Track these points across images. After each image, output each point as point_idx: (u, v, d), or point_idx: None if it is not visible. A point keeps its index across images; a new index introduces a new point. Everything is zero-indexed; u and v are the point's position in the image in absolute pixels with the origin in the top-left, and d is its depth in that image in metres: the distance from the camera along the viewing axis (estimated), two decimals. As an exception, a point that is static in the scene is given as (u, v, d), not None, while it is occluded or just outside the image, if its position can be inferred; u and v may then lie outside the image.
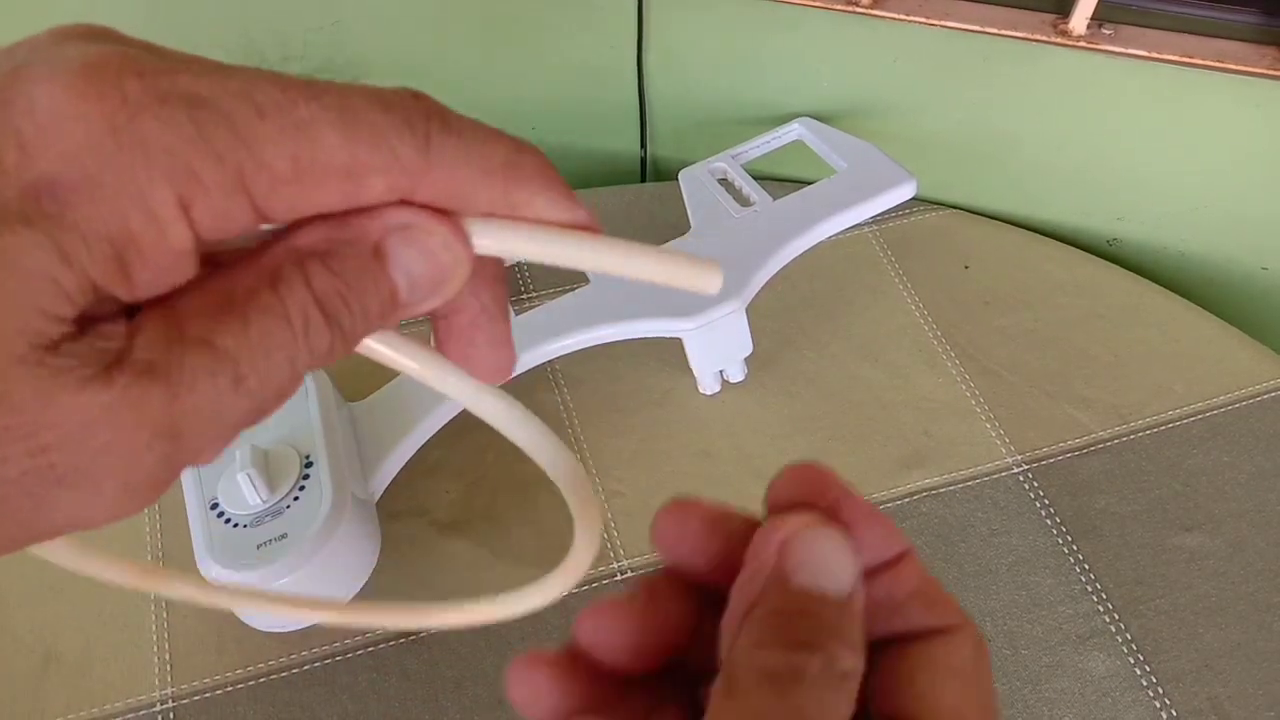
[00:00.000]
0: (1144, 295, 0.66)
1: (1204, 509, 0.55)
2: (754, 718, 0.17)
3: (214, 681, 0.49)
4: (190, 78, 0.16)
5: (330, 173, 0.16)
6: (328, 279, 0.17)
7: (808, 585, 0.19)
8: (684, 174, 0.62)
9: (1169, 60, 0.58)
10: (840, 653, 0.18)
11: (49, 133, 0.15)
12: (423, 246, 0.18)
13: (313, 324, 0.17)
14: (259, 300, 0.17)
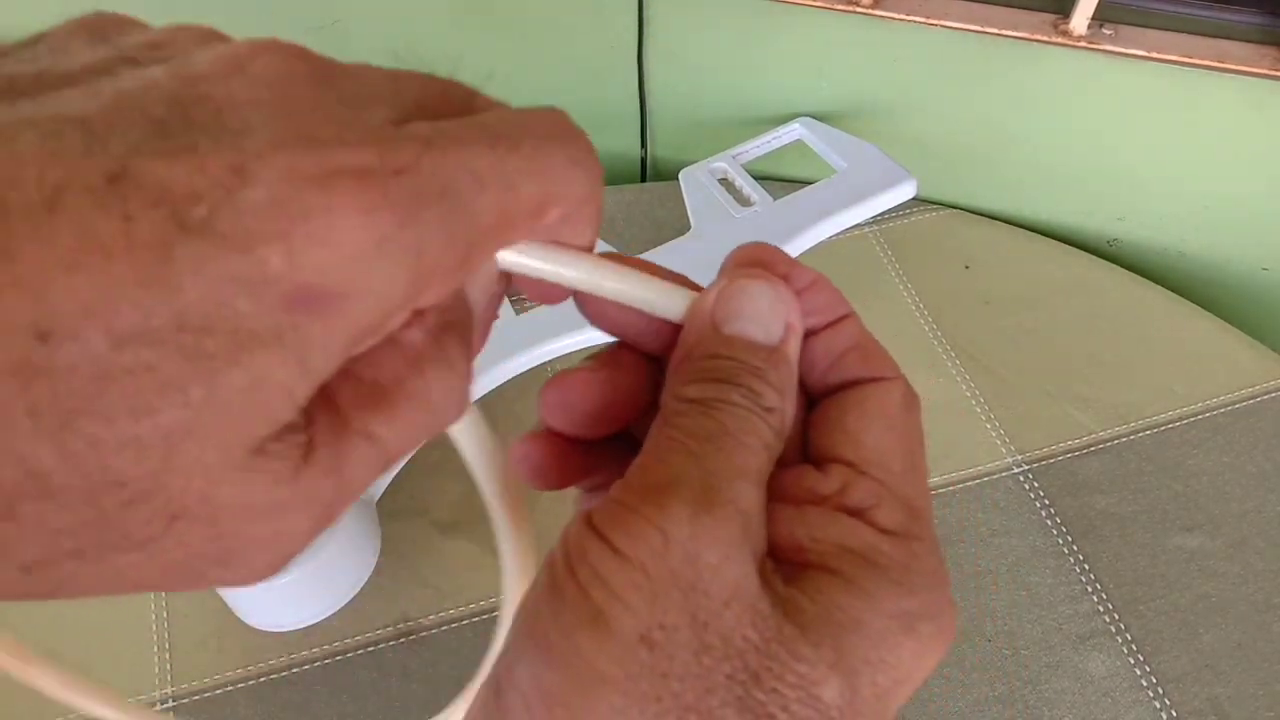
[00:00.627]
0: (1144, 295, 0.66)
1: (1204, 509, 0.55)
2: (682, 432, 0.19)
3: (214, 681, 0.49)
4: (431, 164, 0.16)
5: (525, 214, 0.17)
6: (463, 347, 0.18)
7: (737, 332, 0.20)
8: (684, 174, 0.62)
9: (1169, 60, 0.58)
10: (763, 390, 0.19)
11: (321, 244, 0.14)
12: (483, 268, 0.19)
13: (451, 399, 0.18)
14: (406, 388, 0.17)
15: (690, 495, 0.18)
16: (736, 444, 0.19)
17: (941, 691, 0.49)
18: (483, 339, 0.20)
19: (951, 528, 0.54)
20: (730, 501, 0.18)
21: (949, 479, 0.56)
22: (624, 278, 0.21)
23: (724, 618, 0.17)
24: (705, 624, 0.17)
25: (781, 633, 0.17)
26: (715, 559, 0.17)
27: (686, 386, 0.19)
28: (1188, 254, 0.70)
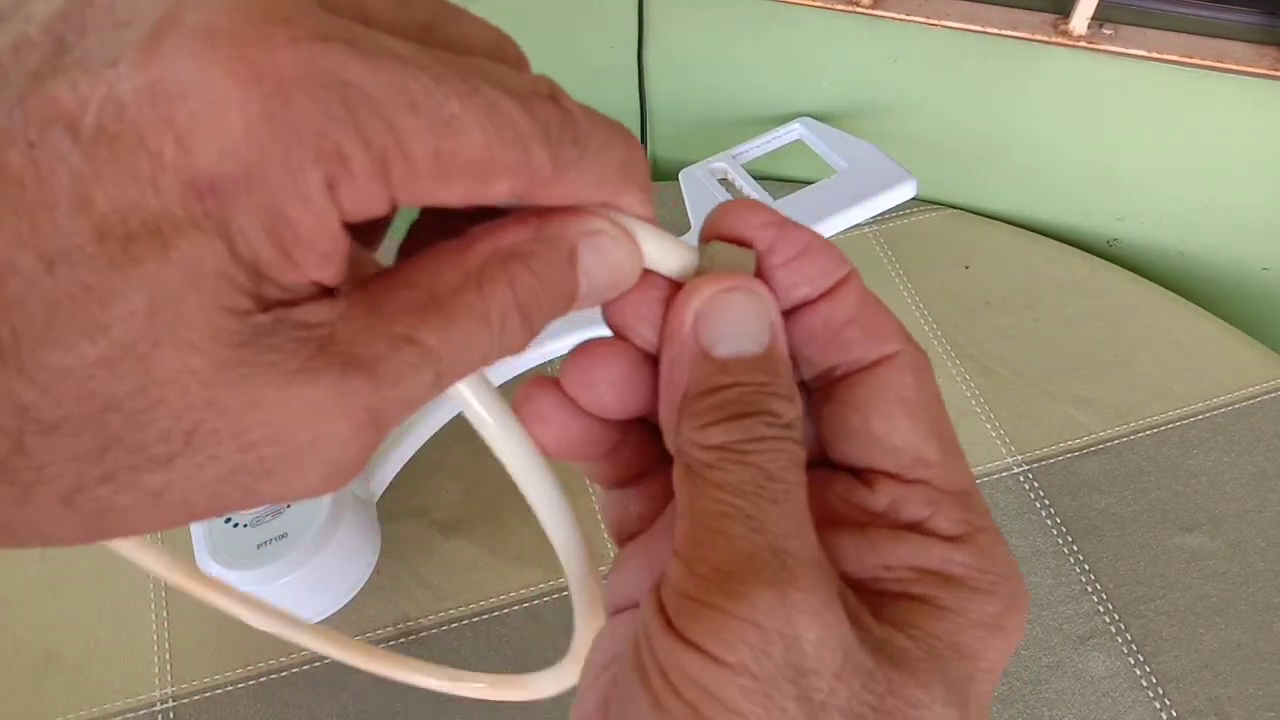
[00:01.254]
0: (1144, 295, 0.66)
1: (1204, 509, 0.55)
2: (726, 491, 0.18)
3: (214, 681, 0.49)
4: (344, 56, 0.15)
5: (465, 170, 0.16)
6: (530, 281, 0.18)
7: (729, 355, 0.19)
8: (684, 174, 0.62)
9: (1169, 60, 0.58)
10: (779, 407, 0.19)
11: (205, 124, 0.14)
12: (608, 254, 0.19)
13: (509, 323, 0.17)
14: (464, 299, 0.17)
15: (769, 574, 0.17)
16: (785, 488, 0.18)
17: (941, 691, 0.49)
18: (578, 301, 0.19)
19: (951, 528, 0.54)
20: (808, 562, 0.17)
21: (949, 479, 0.56)
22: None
23: (839, 692, 0.17)
24: (822, 704, 0.17)
25: (892, 684, 0.17)
26: (816, 635, 0.17)
27: (707, 431, 0.18)
28: (1188, 254, 0.70)
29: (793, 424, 0.19)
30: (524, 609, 0.52)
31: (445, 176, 0.16)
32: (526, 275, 0.18)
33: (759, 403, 0.19)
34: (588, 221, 0.19)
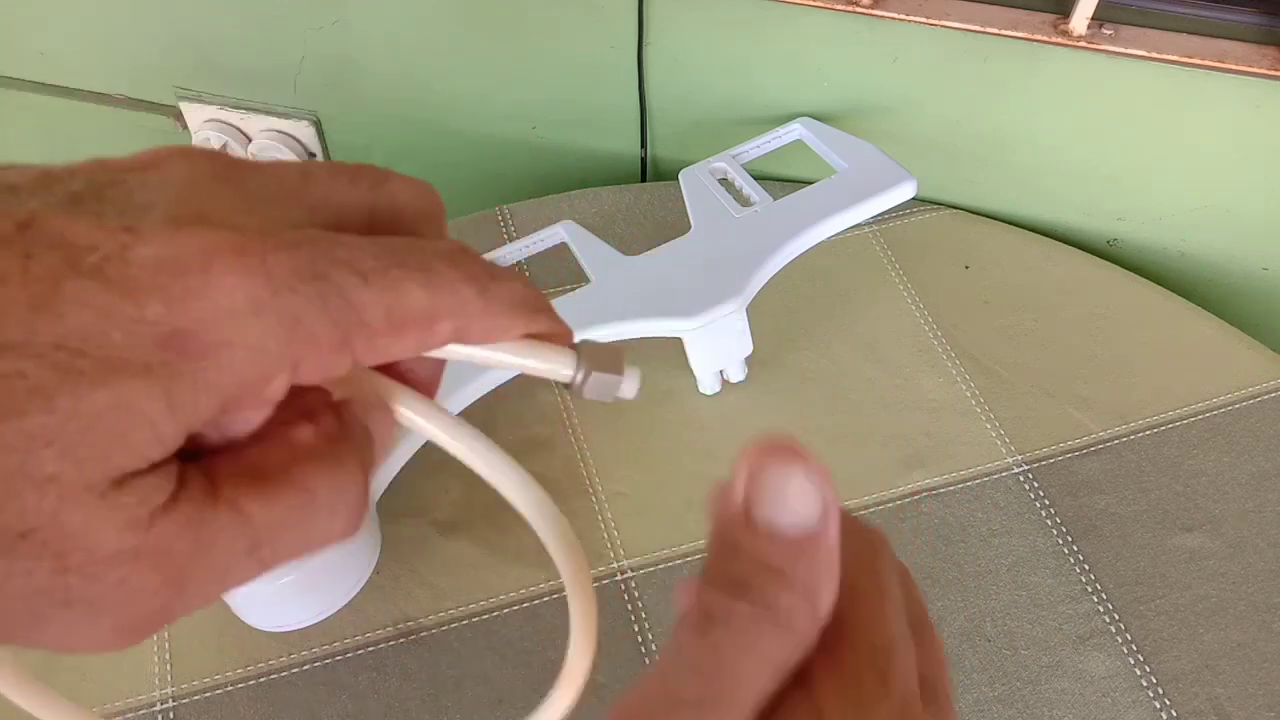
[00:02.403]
0: (1144, 295, 0.66)
1: (1204, 509, 0.55)
2: (676, 652, 0.18)
3: (214, 681, 0.49)
4: (311, 253, 0.18)
5: (413, 321, 0.19)
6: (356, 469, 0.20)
7: (762, 519, 0.19)
8: (684, 174, 0.62)
9: (1169, 60, 0.58)
10: (778, 593, 0.18)
11: (198, 298, 0.17)
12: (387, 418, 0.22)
13: (339, 501, 0.19)
14: (288, 475, 0.18)
15: None
16: (730, 673, 0.18)
17: (941, 691, 0.49)
18: (380, 458, 0.21)
19: (951, 528, 0.54)
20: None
21: (949, 479, 0.56)
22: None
23: None
24: None
25: None
26: None
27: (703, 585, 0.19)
28: (1188, 254, 0.70)
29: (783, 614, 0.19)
30: (524, 609, 0.52)
31: (397, 331, 0.19)
32: (353, 455, 0.20)
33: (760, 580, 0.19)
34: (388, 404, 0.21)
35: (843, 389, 0.61)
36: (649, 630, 0.51)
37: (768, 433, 0.21)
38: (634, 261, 0.57)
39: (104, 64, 0.82)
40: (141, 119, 0.85)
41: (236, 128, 0.83)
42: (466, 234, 0.69)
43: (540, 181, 0.81)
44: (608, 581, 0.53)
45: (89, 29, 0.79)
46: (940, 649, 0.21)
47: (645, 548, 0.54)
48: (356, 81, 0.78)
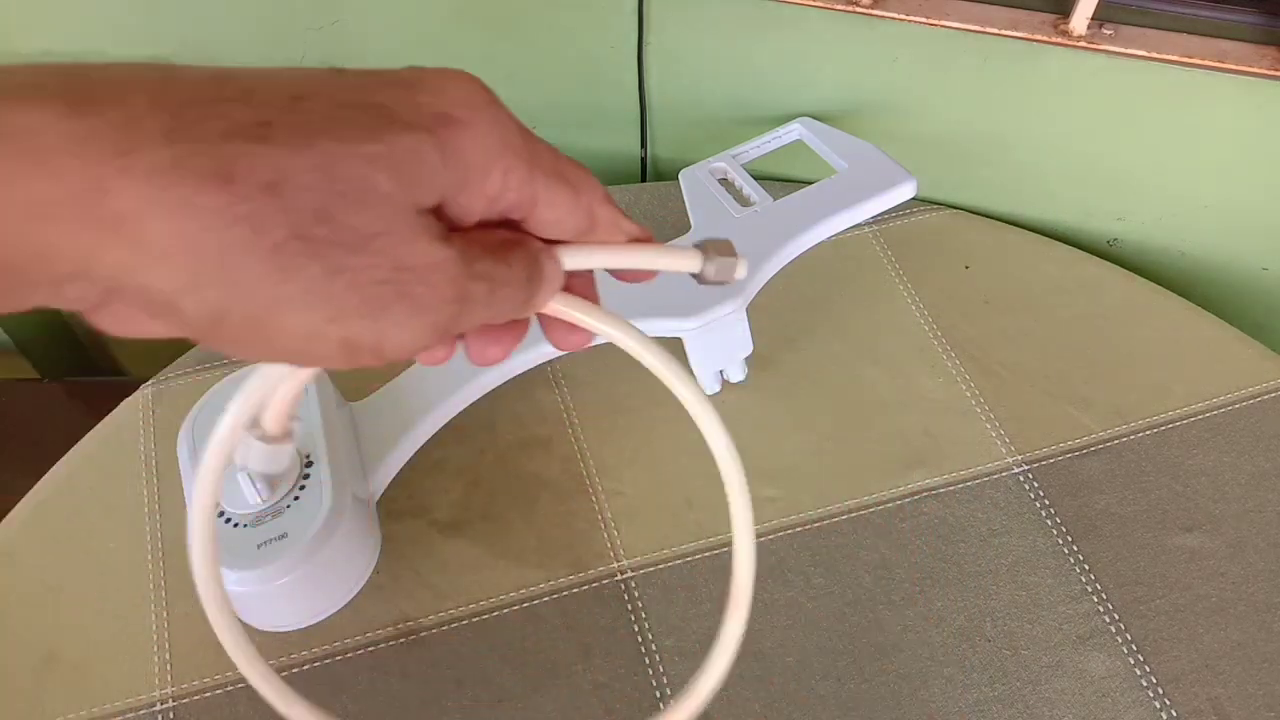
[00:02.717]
0: (1144, 295, 0.66)
1: (1204, 509, 0.55)
2: None
3: (214, 681, 0.49)
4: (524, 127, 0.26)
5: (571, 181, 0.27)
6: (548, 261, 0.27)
7: None
8: (684, 174, 0.62)
9: (1169, 60, 0.58)
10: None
11: (455, 95, 0.24)
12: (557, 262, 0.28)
13: (531, 279, 0.27)
14: (516, 252, 0.26)
15: None
16: None
17: (941, 691, 0.49)
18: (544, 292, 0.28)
19: (951, 528, 0.54)
20: None
21: (949, 479, 0.56)
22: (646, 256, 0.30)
23: None
24: None
25: None
26: None
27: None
28: (1188, 254, 0.70)
29: None
30: (524, 609, 0.52)
31: (561, 178, 0.27)
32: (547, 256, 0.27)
33: None
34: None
35: (843, 389, 0.61)
36: (649, 630, 0.51)
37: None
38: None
39: (104, 64, 0.82)
40: (141, 119, 0.85)
41: (236, 128, 0.83)
42: (466, 234, 0.69)
43: (540, 181, 0.81)
44: (607, 581, 0.53)
45: (89, 29, 0.79)
46: None
47: (645, 548, 0.54)
48: (356, 81, 0.78)
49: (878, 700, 0.49)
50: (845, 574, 0.53)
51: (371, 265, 0.22)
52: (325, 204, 0.21)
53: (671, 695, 0.49)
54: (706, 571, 0.53)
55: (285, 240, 0.21)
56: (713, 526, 0.54)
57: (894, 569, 0.53)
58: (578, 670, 0.50)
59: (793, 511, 0.55)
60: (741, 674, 0.49)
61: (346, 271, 0.22)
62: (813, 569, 0.53)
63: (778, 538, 0.54)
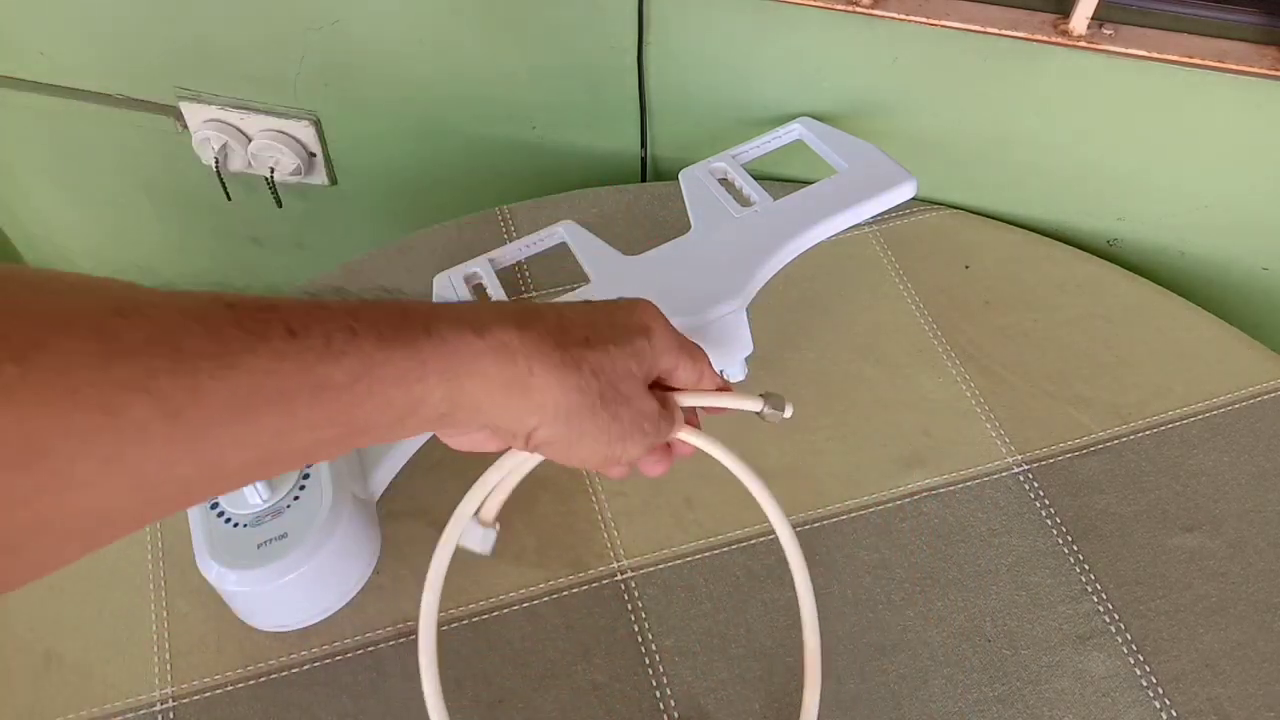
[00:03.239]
0: (1144, 295, 0.66)
1: (1204, 509, 0.55)
2: None
3: (214, 681, 0.49)
4: (679, 333, 0.42)
5: (699, 373, 0.42)
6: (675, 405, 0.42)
7: None
8: (684, 174, 0.62)
9: (1170, 60, 0.58)
10: None
11: (646, 313, 0.40)
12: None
13: (675, 417, 0.42)
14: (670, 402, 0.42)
15: None
16: None
17: (941, 691, 0.49)
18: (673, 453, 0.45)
19: (951, 528, 0.54)
20: None
21: (949, 479, 0.56)
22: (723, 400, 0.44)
23: None
24: None
25: None
26: None
27: None
28: (1188, 254, 0.70)
29: None
30: (524, 609, 0.52)
31: (699, 371, 0.42)
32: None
33: None
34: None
35: (843, 389, 0.61)
36: (649, 630, 0.51)
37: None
38: (634, 261, 0.57)
39: (104, 64, 0.82)
40: (141, 119, 0.85)
41: (236, 128, 0.83)
42: (466, 234, 0.69)
43: (540, 181, 0.81)
44: (607, 581, 0.53)
45: (89, 29, 0.79)
46: None
47: (645, 548, 0.54)
48: (356, 81, 0.78)
49: (878, 700, 0.49)
50: (845, 574, 0.53)
51: (629, 414, 0.37)
52: (613, 381, 0.37)
53: (671, 695, 0.49)
54: (706, 571, 0.53)
55: (597, 401, 0.36)
56: (712, 526, 0.54)
57: (894, 569, 0.53)
58: (578, 670, 0.50)
59: (792, 511, 0.55)
60: (741, 674, 0.49)
61: (620, 419, 0.37)
62: (813, 569, 0.53)
63: (778, 538, 0.54)
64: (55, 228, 1.01)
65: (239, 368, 0.25)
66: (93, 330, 0.23)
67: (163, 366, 0.24)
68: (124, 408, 0.23)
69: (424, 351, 0.30)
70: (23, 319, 0.22)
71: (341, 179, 0.88)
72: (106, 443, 0.23)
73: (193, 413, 0.24)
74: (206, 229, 0.97)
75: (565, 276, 0.65)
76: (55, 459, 0.22)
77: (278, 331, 0.26)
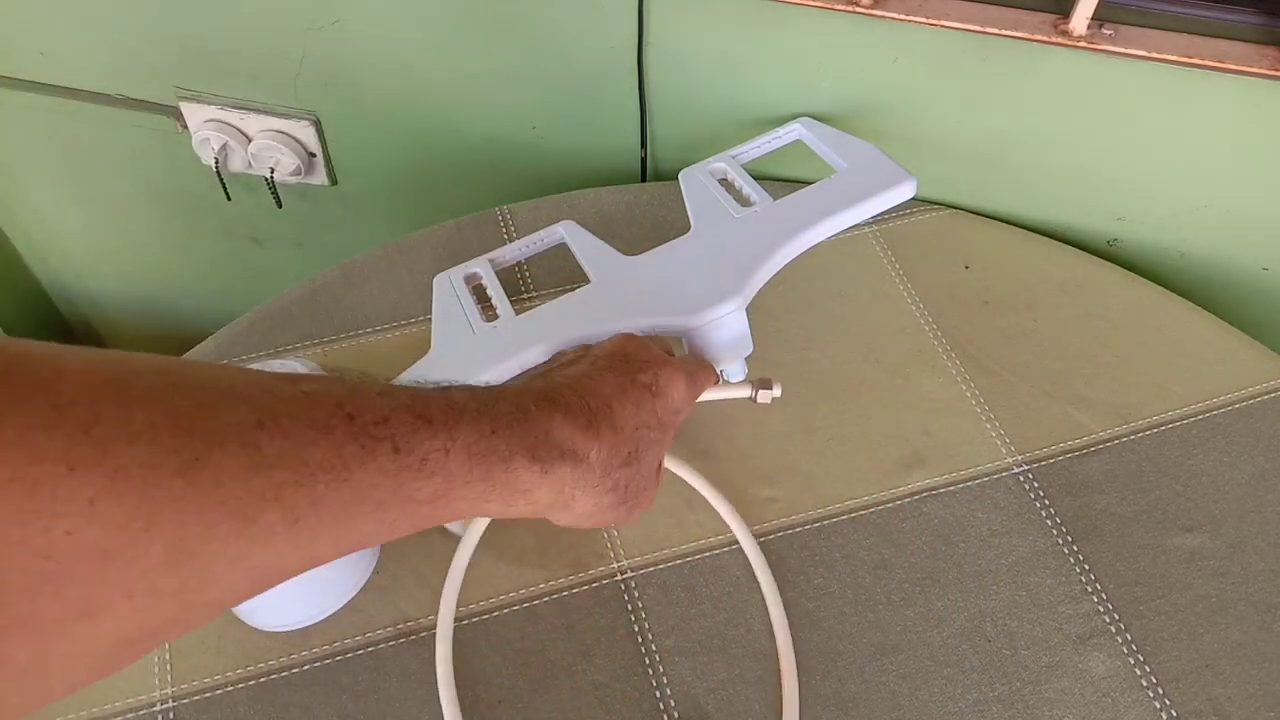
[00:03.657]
0: (1144, 295, 0.66)
1: (1204, 509, 0.55)
2: None
3: (214, 681, 0.49)
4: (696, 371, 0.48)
5: (705, 381, 0.49)
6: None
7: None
8: (684, 174, 0.62)
9: (1169, 60, 0.58)
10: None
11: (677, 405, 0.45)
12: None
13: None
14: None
15: None
16: None
17: (941, 691, 0.49)
18: None
19: (951, 528, 0.54)
20: None
21: (949, 479, 0.56)
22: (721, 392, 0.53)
23: None
24: None
25: None
26: None
27: None
28: (1188, 254, 0.70)
29: None
30: (524, 609, 0.52)
31: (707, 381, 0.49)
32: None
33: None
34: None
35: (843, 389, 0.61)
36: (649, 630, 0.51)
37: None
38: (634, 261, 0.57)
39: (104, 64, 0.82)
40: (141, 119, 0.85)
41: (236, 128, 0.83)
42: (466, 234, 0.69)
43: (540, 181, 0.81)
44: (607, 581, 0.53)
45: (89, 29, 0.79)
46: None
47: (645, 548, 0.54)
48: (356, 81, 0.78)
49: (878, 700, 0.49)
50: (845, 574, 0.53)
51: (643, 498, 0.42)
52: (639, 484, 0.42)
53: (671, 695, 0.49)
54: (706, 571, 0.53)
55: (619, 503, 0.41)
56: (712, 527, 0.54)
57: (894, 569, 0.53)
58: (578, 670, 0.50)
59: (793, 511, 0.55)
60: (741, 674, 0.49)
61: (630, 502, 0.41)
62: (813, 569, 0.53)
63: (778, 538, 0.54)
64: (55, 228, 1.01)
65: (350, 481, 0.29)
66: (240, 445, 0.26)
67: (290, 479, 0.27)
68: (257, 515, 0.26)
69: (496, 480, 0.35)
70: (189, 435, 0.25)
71: (341, 179, 0.88)
72: (239, 545, 0.26)
73: (310, 519, 0.28)
74: (206, 229, 0.97)
75: (565, 276, 0.65)
76: (199, 560, 0.25)
77: (385, 449, 0.30)
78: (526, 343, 0.52)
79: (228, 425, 0.26)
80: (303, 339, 0.63)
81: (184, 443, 0.24)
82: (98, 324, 1.14)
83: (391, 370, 0.55)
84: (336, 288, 0.66)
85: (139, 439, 0.24)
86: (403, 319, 0.65)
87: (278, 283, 1.01)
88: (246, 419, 0.27)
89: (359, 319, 0.65)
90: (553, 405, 0.38)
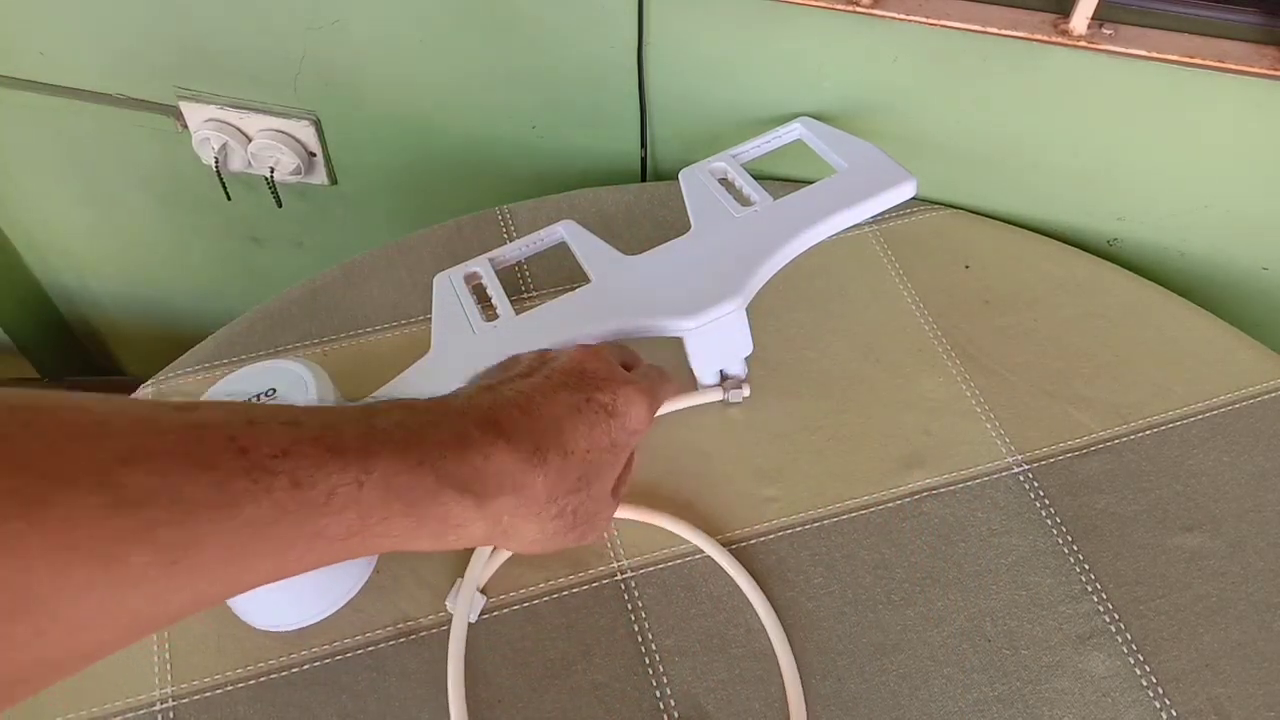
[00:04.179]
0: (1144, 295, 0.66)
1: (1204, 509, 0.55)
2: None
3: (214, 681, 0.49)
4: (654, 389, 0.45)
5: (666, 395, 0.47)
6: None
7: None
8: (684, 174, 0.62)
9: (1170, 60, 0.58)
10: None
11: (635, 426, 0.42)
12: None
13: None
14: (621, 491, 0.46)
15: None
16: None
17: (941, 691, 0.49)
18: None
19: (951, 528, 0.54)
20: None
21: (949, 479, 0.56)
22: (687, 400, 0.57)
23: None
24: None
25: None
26: None
27: None
28: (1188, 254, 0.70)
29: None
30: (524, 609, 0.52)
31: (668, 395, 0.48)
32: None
33: None
34: None
35: (843, 389, 0.61)
36: (649, 630, 0.51)
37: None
38: (634, 261, 0.57)
39: (104, 64, 0.82)
40: (141, 119, 0.85)
41: (236, 127, 0.83)
42: (466, 233, 0.69)
43: (540, 181, 0.81)
44: (607, 581, 0.53)
45: (89, 29, 0.79)
46: None
47: (645, 548, 0.54)
48: (356, 81, 0.78)
49: (878, 700, 0.49)
50: (845, 574, 0.53)
51: (594, 526, 0.41)
52: (591, 510, 0.40)
53: (671, 695, 0.49)
54: (706, 571, 0.53)
55: (567, 528, 0.39)
56: (712, 527, 0.54)
57: (894, 569, 0.53)
58: (577, 670, 0.50)
59: (793, 511, 0.55)
60: (741, 674, 0.49)
61: (581, 528, 0.40)
62: (813, 569, 0.53)
63: (778, 538, 0.54)
64: (55, 228, 1.01)
65: (238, 519, 0.27)
66: (97, 483, 0.24)
67: (162, 518, 0.25)
68: (123, 556, 0.24)
69: (422, 514, 0.32)
70: (30, 474, 0.23)
71: (341, 179, 0.88)
72: (104, 589, 0.24)
73: (191, 559, 0.26)
74: (206, 229, 0.97)
75: (565, 276, 0.65)
76: (53, 605, 0.23)
77: (282, 483, 0.28)
78: (526, 342, 0.52)
79: (83, 463, 0.24)
80: (303, 339, 0.63)
81: (24, 484, 0.23)
82: (98, 324, 1.14)
83: (391, 370, 0.55)
84: (336, 287, 0.66)
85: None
86: (403, 319, 0.65)
87: (278, 282, 1.01)
88: (107, 456, 0.25)
89: (359, 319, 0.65)
90: (495, 430, 0.35)
